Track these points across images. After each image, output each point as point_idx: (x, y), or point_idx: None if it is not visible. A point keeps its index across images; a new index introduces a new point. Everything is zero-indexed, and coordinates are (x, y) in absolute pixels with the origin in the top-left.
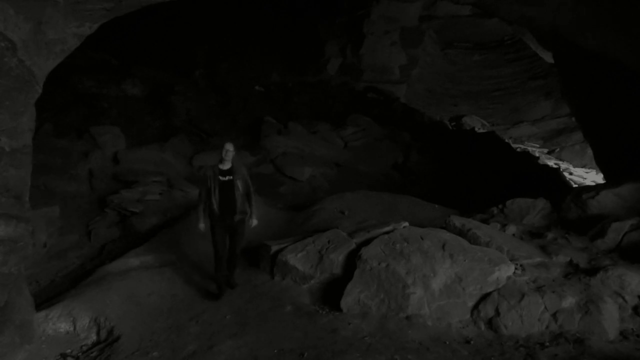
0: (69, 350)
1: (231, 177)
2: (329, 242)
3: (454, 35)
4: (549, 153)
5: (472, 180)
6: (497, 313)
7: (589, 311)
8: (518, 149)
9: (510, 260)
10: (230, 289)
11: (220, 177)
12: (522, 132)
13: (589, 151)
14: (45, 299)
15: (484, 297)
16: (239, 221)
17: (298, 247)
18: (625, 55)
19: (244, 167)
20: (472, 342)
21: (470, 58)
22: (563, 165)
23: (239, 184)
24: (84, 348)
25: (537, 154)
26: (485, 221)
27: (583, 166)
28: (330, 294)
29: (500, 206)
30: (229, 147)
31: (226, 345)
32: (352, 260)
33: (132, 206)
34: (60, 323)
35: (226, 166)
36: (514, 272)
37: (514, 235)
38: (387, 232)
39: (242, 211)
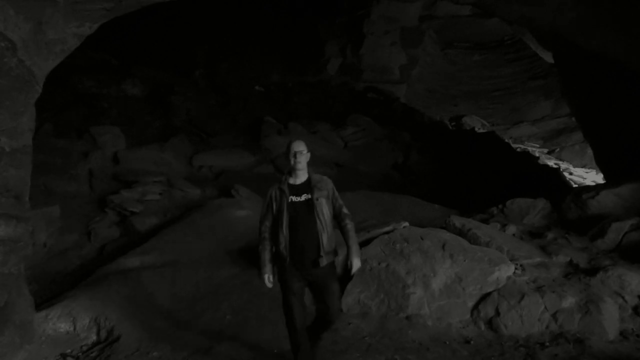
0: (69, 350)
1: (309, 196)
2: None
3: (454, 35)
4: (549, 153)
5: (472, 180)
6: (497, 313)
7: (589, 311)
8: (518, 149)
9: (510, 260)
10: None
11: (292, 198)
12: (522, 132)
13: (589, 151)
14: (45, 299)
15: (484, 297)
16: (328, 268)
17: None
18: (626, 55)
19: (327, 178)
20: (472, 342)
21: (470, 58)
22: (563, 165)
23: (324, 206)
24: (84, 348)
25: (537, 154)
26: (485, 221)
27: (583, 166)
28: None
29: (500, 206)
30: (299, 146)
31: (226, 345)
32: None
33: (132, 206)
34: (60, 323)
35: (299, 179)
36: (514, 272)
37: (514, 235)
38: (387, 232)
39: (331, 251)
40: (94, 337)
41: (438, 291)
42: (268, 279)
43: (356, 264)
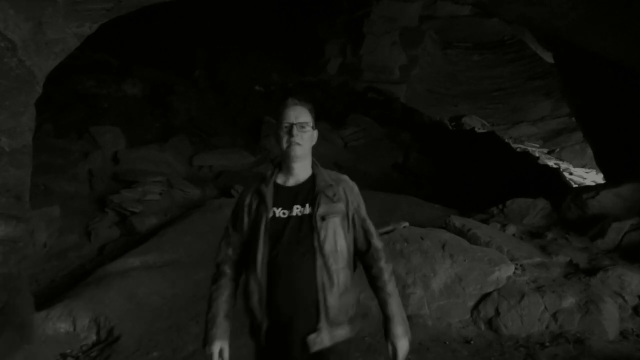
0: (69, 350)
1: (306, 211)
2: None
3: (454, 35)
4: (549, 153)
5: (472, 180)
6: (497, 313)
7: (589, 311)
8: (518, 149)
9: (510, 260)
10: None
11: (277, 210)
12: (522, 132)
13: (589, 151)
14: (45, 299)
15: (484, 297)
16: (336, 351)
17: None
18: (626, 55)
19: (347, 179)
20: (472, 342)
21: (470, 58)
22: (563, 165)
23: (335, 231)
24: (84, 348)
25: (537, 154)
26: (485, 221)
27: (583, 166)
28: None
29: (500, 206)
30: (299, 114)
31: None
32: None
33: (132, 206)
34: (60, 323)
35: (296, 176)
36: (514, 272)
37: (513, 235)
38: (387, 232)
39: (343, 320)
40: (94, 337)
41: (438, 291)
42: (217, 355)
43: (402, 347)
